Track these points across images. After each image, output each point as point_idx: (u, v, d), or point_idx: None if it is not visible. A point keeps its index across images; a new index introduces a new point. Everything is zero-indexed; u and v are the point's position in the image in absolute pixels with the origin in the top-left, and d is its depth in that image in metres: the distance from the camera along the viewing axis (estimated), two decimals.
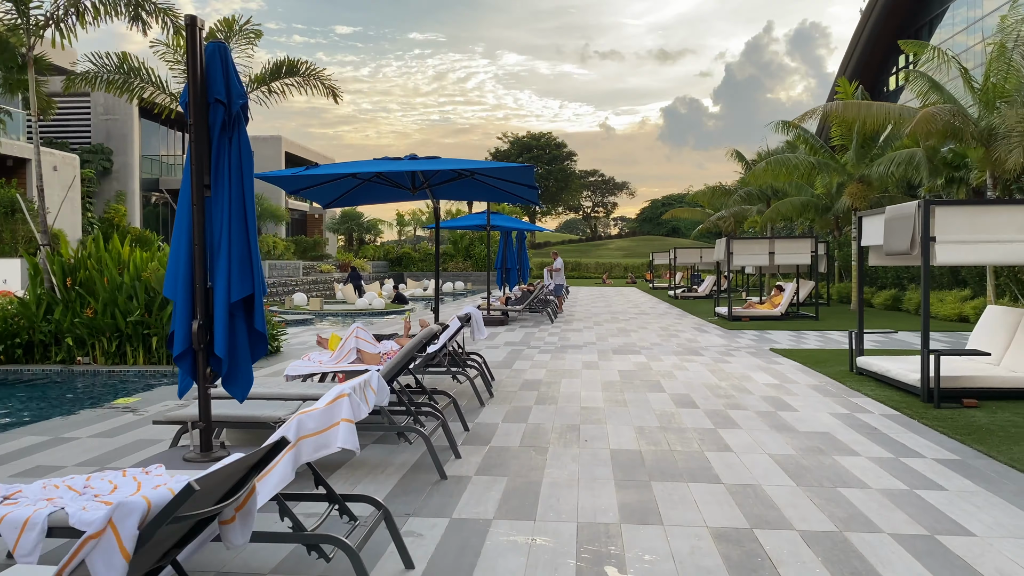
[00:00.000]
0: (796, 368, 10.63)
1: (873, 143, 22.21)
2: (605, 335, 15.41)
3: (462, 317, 8.30)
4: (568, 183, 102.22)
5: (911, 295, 20.77)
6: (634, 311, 22.96)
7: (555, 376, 9.92)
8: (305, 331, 16.66)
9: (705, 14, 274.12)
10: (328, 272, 37.98)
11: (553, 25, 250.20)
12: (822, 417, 7.35)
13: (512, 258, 22.90)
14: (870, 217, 9.61)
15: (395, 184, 9.96)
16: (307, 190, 10.17)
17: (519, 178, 9.39)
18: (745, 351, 12.62)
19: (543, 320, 19.26)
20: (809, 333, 15.71)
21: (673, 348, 13.08)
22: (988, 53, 16.74)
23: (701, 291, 31.04)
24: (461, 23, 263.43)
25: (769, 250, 18.85)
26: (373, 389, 3.91)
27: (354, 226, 49.09)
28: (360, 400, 3.61)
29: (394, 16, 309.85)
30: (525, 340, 14.44)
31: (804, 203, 27.12)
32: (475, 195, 10.93)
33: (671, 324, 18.06)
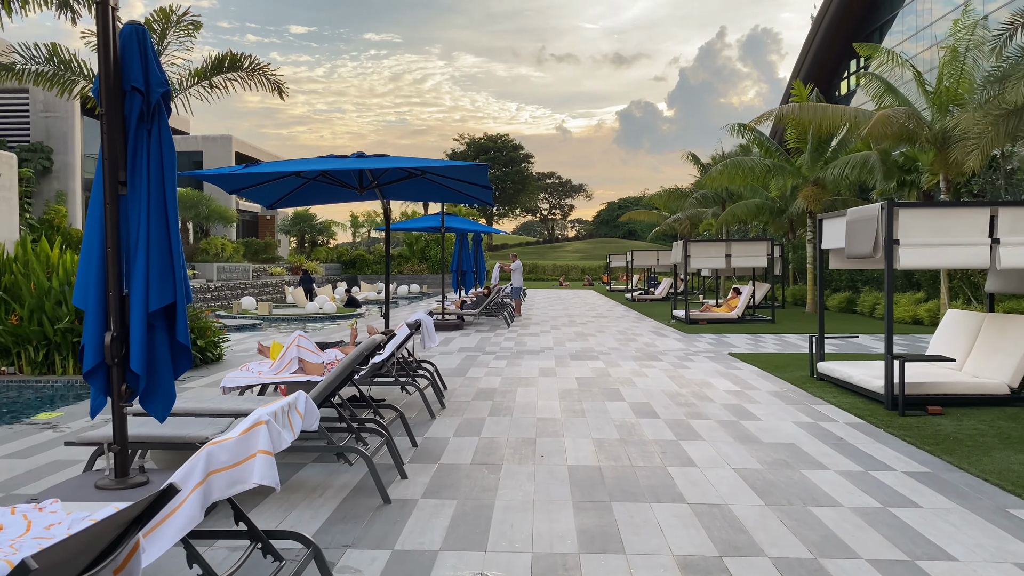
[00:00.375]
0: (756, 373, 10.40)
1: (827, 146, 22.29)
2: (563, 339, 15.09)
3: (411, 324, 7.87)
4: (525, 185, 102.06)
5: (865, 297, 20.86)
6: (591, 314, 22.71)
7: (510, 384, 9.54)
8: (252, 337, 16.04)
9: (660, 19, 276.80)
10: (279, 275, 37.11)
11: (510, 27, 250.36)
12: (786, 427, 7.08)
13: (468, 261, 22.49)
14: (831, 220, 9.42)
15: (342, 183, 9.49)
16: (248, 190, 9.65)
17: (472, 177, 9.00)
18: (704, 356, 12.39)
19: (500, 324, 18.89)
20: (766, 336, 15.58)
21: (631, 353, 12.80)
22: (941, 57, 16.83)
23: (658, 294, 30.97)
24: (417, 24, 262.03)
25: (726, 252, 18.74)
26: (300, 412, 3.48)
27: (306, 228, 48.10)
28: (282, 427, 3.18)
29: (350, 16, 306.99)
30: (480, 345, 14.04)
31: (759, 206, 27.20)
32: (427, 195, 10.50)
33: (629, 328, 17.82)
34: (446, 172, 8.94)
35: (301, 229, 48.17)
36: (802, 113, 17.24)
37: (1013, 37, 10.57)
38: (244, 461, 2.75)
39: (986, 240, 7.69)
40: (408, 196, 10.67)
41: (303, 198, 10.48)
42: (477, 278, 24.52)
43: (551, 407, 8.02)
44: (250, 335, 16.57)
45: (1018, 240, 7.64)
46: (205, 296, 27.13)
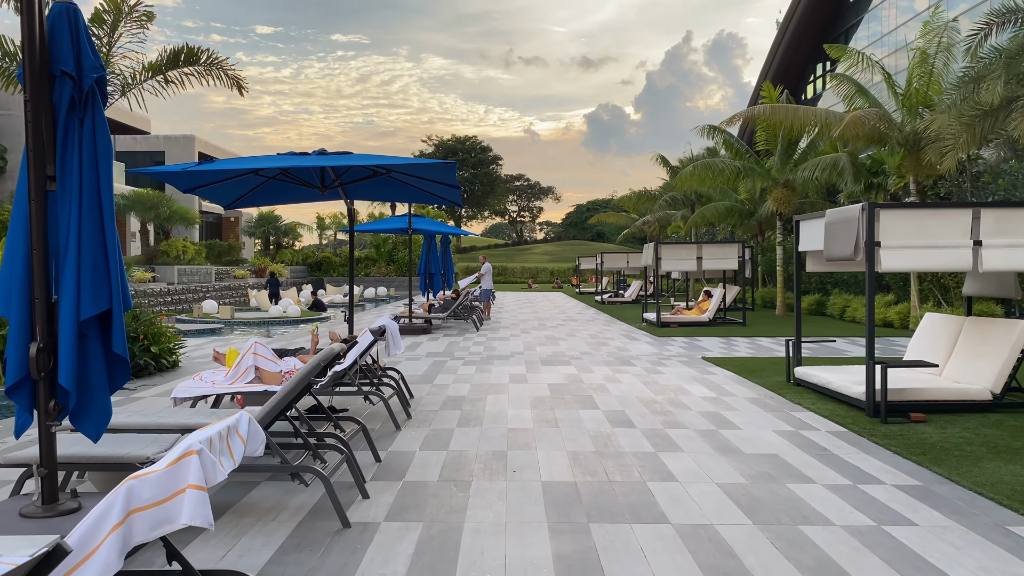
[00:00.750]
0: (731, 379, 10.15)
1: (795, 148, 22.25)
2: (533, 344, 14.75)
3: (375, 330, 7.47)
4: (494, 187, 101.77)
5: (835, 300, 20.82)
6: (561, 317, 22.42)
7: (480, 392, 9.17)
8: (212, 342, 15.48)
9: (627, 23, 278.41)
10: (243, 277, 36.35)
11: (478, 30, 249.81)
12: (767, 436, 6.81)
13: (436, 263, 22.06)
14: (808, 221, 9.19)
15: (303, 183, 9.05)
16: (204, 189, 9.17)
17: (439, 176, 8.62)
18: (677, 360, 12.13)
19: (468, 328, 18.51)
20: (739, 340, 15.39)
21: (604, 358, 12.50)
22: (910, 59, 16.81)
23: (628, 296, 30.80)
24: (385, 26, 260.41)
25: (697, 255, 18.56)
26: (241, 437, 3.08)
27: (271, 229, 47.26)
28: (219, 455, 2.79)
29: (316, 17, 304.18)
30: (449, 350, 13.65)
31: (728, 208, 27.14)
32: (392, 195, 10.10)
33: (600, 331, 17.54)
34: (412, 171, 8.55)
35: (266, 231, 47.31)
36: (774, 114, 17.11)
37: (988, 37, 10.48)
38: (171, 498, 2.36)
39: (968, 242, 7.50)
40: (373, 196, 10.26)
41: (263, 198, 10.02)
42: (445, 281, 24.11)
43: (523, 416, 7.67)
44: (211, 340, 16.01)
45: (1000, 242, 7.46)
46: (165, 300, 26.38)
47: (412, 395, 8.79)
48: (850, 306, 19.83)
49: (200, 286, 29.85)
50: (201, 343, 15.27)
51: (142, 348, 10.40)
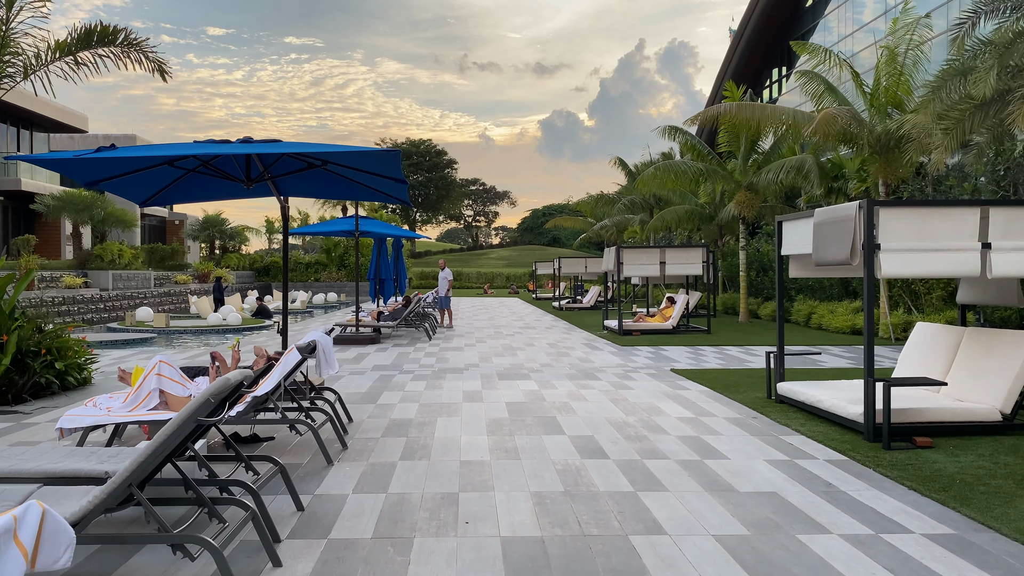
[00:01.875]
0: (707, 395, 9.26)
1: (757, 150, 21.63)
2: (489, 354, 13.74)
3: (303, 348, 6.37)
4: (449, 191, 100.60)
5: (799, 306, 20.22)
6: (519, 324, 21.45)
7: (430, 413, 8.12)
8: (137, 354, 14.14)
9: (582, 31, 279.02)
10: (184, 283, 34.67)
11: (433, 35, 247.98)
12: (760, 468, 5.89)
13: (387, 268, 20.95)
14: (793, 222, 8.35)
15: (226, 175, 7.92)
16: (112, 182, 7.98)
17: (382, 168, 7.57)
18: (645, 372, 11.23)
19: (420, 337, 17.42)
20: (705, 349, 14.58)
21: (566, 370, 11.54)
22: (879, 57, 16.25)
23: (586, 302, 29.98)
24: (339, 29, 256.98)
25: (660, 260, 17.76)
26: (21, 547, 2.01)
27: (216, 233, 45.45)
28: None
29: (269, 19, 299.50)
30: (397, 363, 12.56)
31: (689, 212, 26.48)
32: (330, 191, 9.01)
33: (560, 340, 16.60)
34: (350, 162, 7.49)
35: (211, 234, 45.49)
36: (740, 112, 16.39)
37: (976, 26, 9.83)
38: None
39: (976, 245, 6.70)
40: (309, 192, 9.15)
41: (182, 193, 8.85)
42: (398, 287, 22.98)
43: (478, 445, 6.65)
44: (138, 352, 14.67)
45: (1010, 245, 6.67)
46: (97, 307, 24.75)
47: (351, 419, 7.71)
48: (815, 313, 19.22)
49: (137, 292, 28.19)
50: (127, 355, 13.94)
51: (44, 364, 9.13)
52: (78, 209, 28.60)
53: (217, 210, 58.75)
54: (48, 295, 21.89)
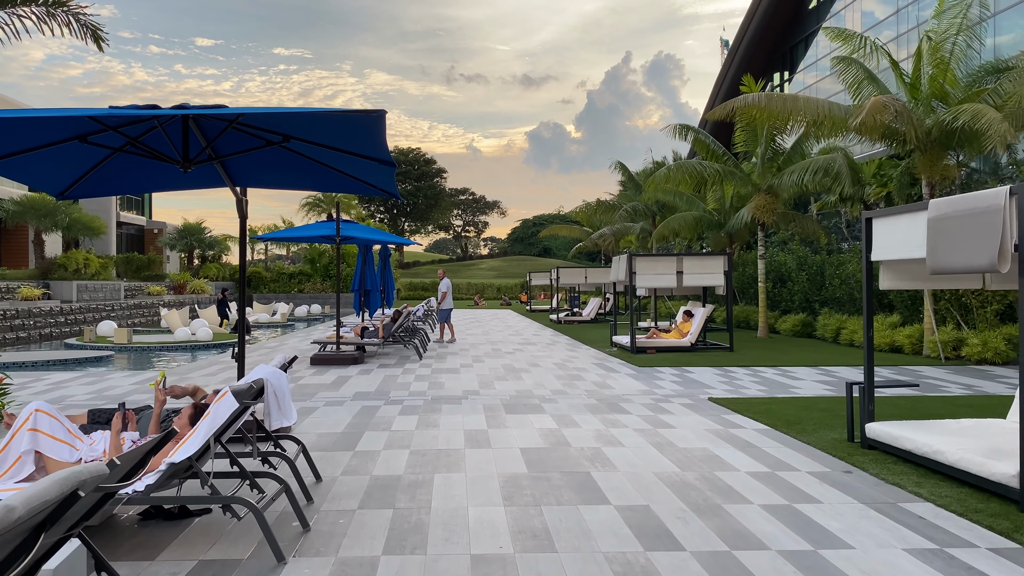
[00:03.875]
0: (769, 436, 7.43)
1: (777, 149, 19.88)
2: (490, 378, 11.87)
3: (243, 392, 4.44)
4: (438, 201, 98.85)
5: (825, 321, 18.43)
6: (517, 340, 19.58)
7: (424, 467, 6.24)
8: (78, 379, 12.18)
9: (569, 43, 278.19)
10: (158, 294, 32.61)
11: (422, 47, 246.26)
12: (903, 565, 4.05)
13: (373, 278, 19.05)
14: (889, 219, 6.53)
15: (159, 156, 6.03)
16: (7, 163, 6.09)
17: (363, 143, 5.71)
18: (679, 403, 9.39)
19: (410, 356, 15.52)
20: (736, 371, 12.75)
21: (585, 399, 9.68)
22: (921, 43, 14.54)
23: (586, 315, 28.14)
24: (328, 40, 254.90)
25: (677, 269, 15.95)
26: None
27: (195, 242, 43.37)
28: None
29: (258, 31, 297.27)
30: (383, 389, 10.67)
31: (697, 218, 24.72)
32: (298, 180, 7.14)
33: (567, 359, 14.73)
34: (320, 135, 5.64)
35: (189, 243, 43.41)
36: (769, 103, 14.62)
37: None
38: None
39: None
40: (271, 181, 7.28)
41: (108, 182, 6.95)
42: (385, 299, 21.08)
43: (493, 523, 4.77)
44: (81, 376, 12.73)
45: None
46: (56, 320, 22.70)
47: (319, 477, 5.80)
48: (845, 328, 17.44)
49: (104, 304, 26.15)
50: (69, 379, 11.98)
51: None
52: (40, 215, 26.57)
53: (199, 218, 56.69)
54: (1, 308, 19.86)
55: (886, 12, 33.68)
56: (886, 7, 34.12)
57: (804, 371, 12.72)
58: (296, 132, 5.83)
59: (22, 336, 20.59)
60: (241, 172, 7.04)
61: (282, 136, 5.94)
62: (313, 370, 12.88)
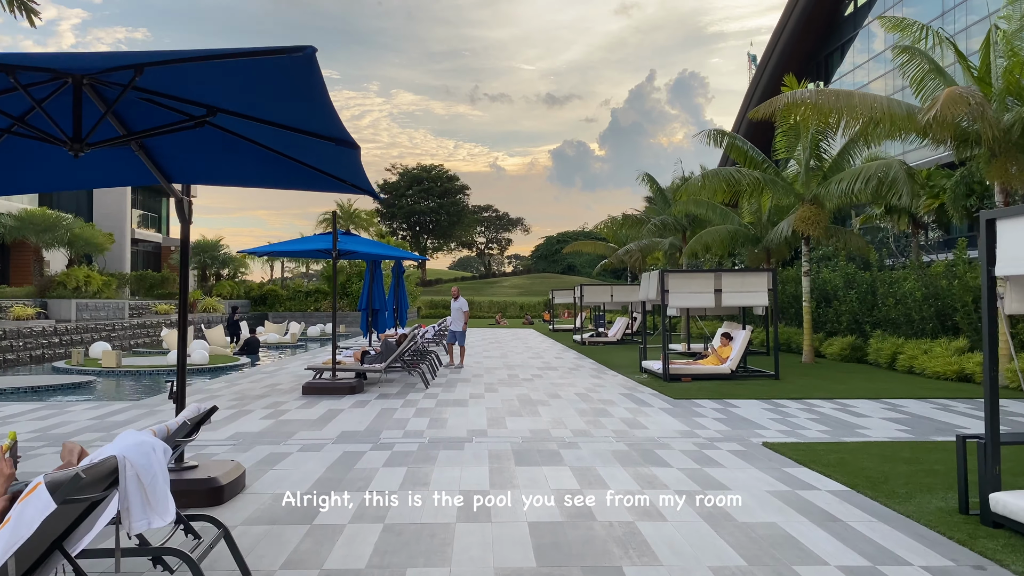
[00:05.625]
0: (850, 502, 5.74)
1: (820, 154, 18.13)
2: (502, 413, 10.25)
3: (65, 484, 2.85)
4: (461, 218, 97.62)
5: (878, 344, 16.61)
6: (537, 363, 17.94)
7: (395, 553, 4.64)
8: (29, 413, 10.75)
9: (594, 63, 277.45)
10: (166, 313, 31.42)
11: (447, 67, 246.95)
12: None
13: (382, 296, 17.57)
14: (1017, 220, 4.87)
15: (43, 136, 4.51)
16: None
17: (305, 118, 4.19)
18: (728, 450, 7.72)
19: (416, 383, 13.95)
20: (788, 405, 11.03)
21: (612, 443, 8.03)
22: (991, 33, 12.84)
23: (612, 336, 26.43)
24: (355, 62, 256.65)
25: (716, 287, 14.27)
26: None
27: (208, 259, 42.30)
28: None
29: None
30: (375, 427, 9.09)
31: (732, 232, 22.99)
32: (247, 173, 5.62)
33: (591, 388, 13.08)
34: (249, 105, 4.12)
35: (202, 260, 42.35)
36: (819, 100, 12.93)
37: None
38: None
39: None
40: (217, 175, 5.77)
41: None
42: (398, 319, 19.58)
43: None
44: (41, 408, 11.33)
45: None
46: (51, 341, 21.44)
47: (246, 572, 4.21)
48: (903, 352, 15.62)
49: (105, 324, 24.91)
50: (26, 411, 10.56)
51: None
52: (39, 230, 25.44)
53: (218, 236, 55.79)
54: None
55: (931, 14, 31.86)
56: (930, 7, 32.32)
57: (865, 405, 10.98)
58: (221, 102, 4.32)
59: (9, 358, 19.32)
60: (176, 163, 5.53)
61: (206, 108, 4.42)
62: (302, 401, 11.35)
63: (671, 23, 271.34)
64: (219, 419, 9.65)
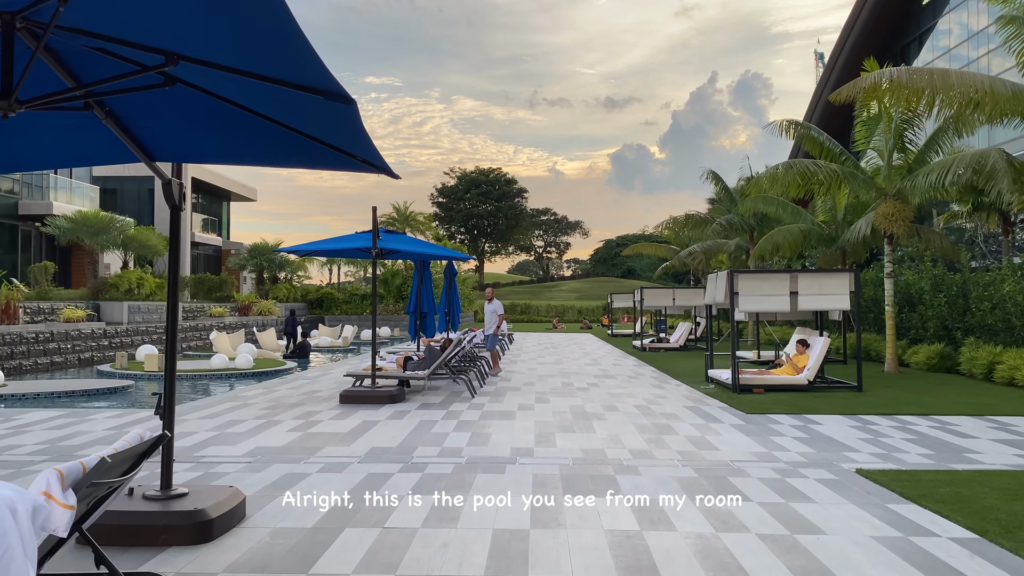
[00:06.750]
0: (981, 555, 4.55)
1: (903, 143, 16.56)
2: (551, 428, 9.21)
3: None
4: (519, 221, 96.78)
5: (971, 353, 15.02)
6: (594, 371, 16.83)
7: None
8: (47, 422, 10.13)
9: (655, 65, 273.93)
10: (220, 316, 31.25)
11: (508, 72, 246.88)
12: None
13: (430, 299, 16.71)
14: None
15: None
16: None
17: (282, 64, 3.25)
18: (816, 478, 6.53)
19: (462, 391, 13.00)
20: (877, 422, 9.72)
21: (678, 468, 6.92)
22: None
23: (674, 341, 25.11)
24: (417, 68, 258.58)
25: (791, 289, 12.97)
26: None
27: (264, 261, 42.29)
28: None
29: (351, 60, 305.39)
30: (409, 444, 8.15)
31: (805, 232, 21.50)
32: (236, 146, 4.73)
33: (653, 399, 11.93)
34: (215, 51, 3.20)
35: (259, 263, 42.35)
36: (911, 80, 11.55)
37: None
38: None
39: None
40: (205, 150, 4.90)
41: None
42: (450, 322, 18.73)
43: None
44: (60, 416, 10.75)
45: None
46: (100, 344, 21.21)
47: None
48: (1001, 362, 14.03)
49: (157, 327, 24.72)
50: (43, 420, 9.96)
51: None
52: (92, 232, 25.39)
53: (278, 240, 56.06)
54: (33, 330, 18.37)
55: None
56: None
57: (968, 423, 9.60)
58: (183, 47, 3.40)
59: (57, 361, 19.08)
60: (156, 137, 4.67)
61: (164, 56, 3.51)
62: (337, 411, 10.50)
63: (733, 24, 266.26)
64: (241, 432, 8.84)
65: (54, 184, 32.26)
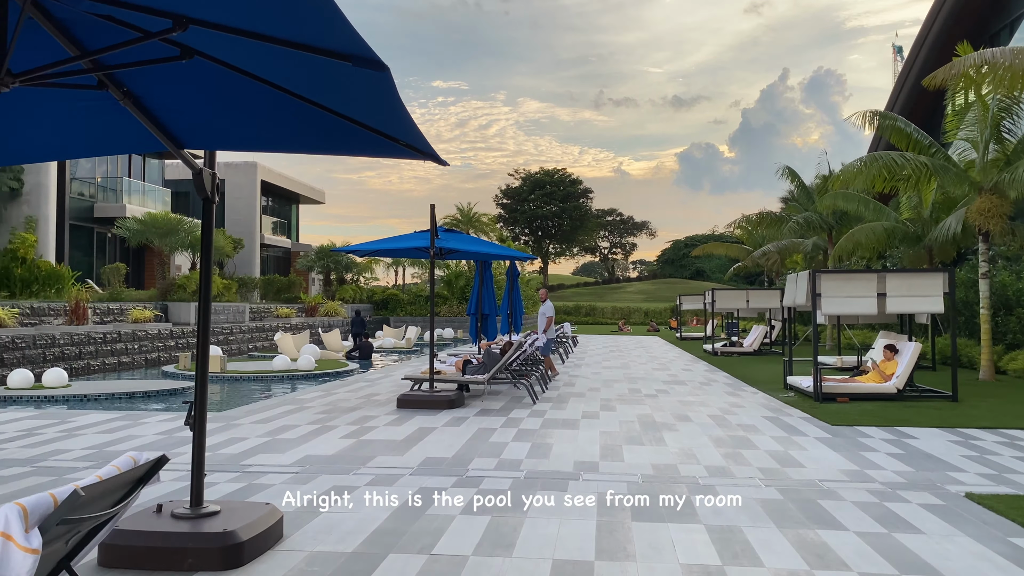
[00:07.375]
0: None
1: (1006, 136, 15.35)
2: (618, 439, 8.57)
3: None
4: (584, 222, 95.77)
5: None
6: (663, 377, 16.07)
7: None
8: (100, 425, 9.97)
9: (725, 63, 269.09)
10: (287, 316, 31.44)
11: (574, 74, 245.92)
12: None
13: (492, 300, 16.26)
14: None
15: None
16: None
17: (301, 26, 2.75)
18: (920, 503, 5.75)
19: (523, 397, 12.45)
20: (981, 436, 8.79)
21: (760, 489, 6.22)
22: None
23: (748, 345, 24.07)
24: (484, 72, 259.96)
25: (878, 290, 12.03)
26: None
27: (331, 263, 42.60)
28: None
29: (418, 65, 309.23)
30: (464, 455, 7.63)
31: (888, 230, 20.28)
32: (263, 128, 4.28)
33: (729, 408, 11.17)
34: (229, 14, 2.72)
35: (326, 265, 42.69)
36: (1016, 61, 10.51)
37: None
38: None
39: None
40: (232, 135, 4.46)
41: None
42: (512, 324, 18.22)
43: None
44: (113, 419, 10.61)
45: None
46: (166, 344, 21.40)
47: None
48: None
49: (223, 327, 24.91)
50: (95, 424, 9.81)
51: None
52: (161, 233, 25.75)
53: (346, 241, 56.54)
54: (101, 330, 18.58)
55: None
56: None
57: None
58: (192, 8, 2.93)
59: (124, 361, 19.27)
60: (182, 121, 4.25)
61: (172, 19, 3.05)
62: (393, 416, 10.07)
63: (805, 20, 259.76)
64: (292, 438, 8.46)
65: (128, 188, 32.99)
